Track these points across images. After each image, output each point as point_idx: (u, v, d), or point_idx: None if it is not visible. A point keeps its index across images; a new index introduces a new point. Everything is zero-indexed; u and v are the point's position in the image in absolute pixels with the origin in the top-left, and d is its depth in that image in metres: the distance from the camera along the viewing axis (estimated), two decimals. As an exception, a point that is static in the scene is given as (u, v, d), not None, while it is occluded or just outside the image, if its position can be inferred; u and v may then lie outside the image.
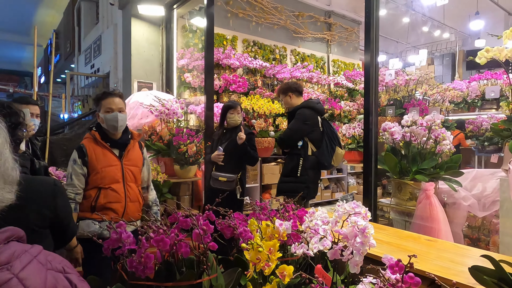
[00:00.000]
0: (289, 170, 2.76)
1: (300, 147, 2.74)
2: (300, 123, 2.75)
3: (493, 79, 7.34)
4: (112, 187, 1.99)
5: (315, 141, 2.81)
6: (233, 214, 1.74)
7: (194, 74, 5.26)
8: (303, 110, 2.79)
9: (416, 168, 2.23)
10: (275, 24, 6.84)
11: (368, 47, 2.33)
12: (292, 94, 2.90)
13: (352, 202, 1.30)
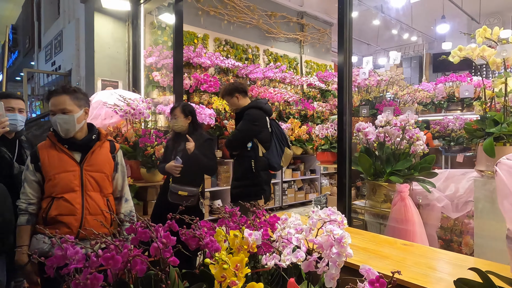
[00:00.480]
0: (241, 174, 2.65)
1: (250, 149, 2.63)
2: (249, 124, 2.64)
3: (458, 81, 7.61)
4: (65, 196, 1.70)
5: (265, 142, 2.73)
6: (199, 222, 1.60)
7: (163, 72, 5.04)
8: (251, 110, 2.68)
9: (390, 170, 2.18)
10: (247, 23, 6.73)
11: (342, 47, 2.27)
12: (238, 95, 2.77)
13: (327, 208, 1.20)
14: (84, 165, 1.77)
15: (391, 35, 9.85)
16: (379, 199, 2.18)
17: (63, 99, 1.72)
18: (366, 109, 3.08)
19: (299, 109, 6.66)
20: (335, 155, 4.87)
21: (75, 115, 1.73)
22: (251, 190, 2.63)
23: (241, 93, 2.79)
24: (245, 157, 2.64)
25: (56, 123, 1.70)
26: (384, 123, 2.22)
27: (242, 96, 2.80)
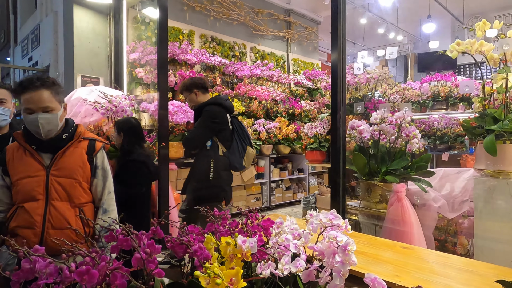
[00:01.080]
0: (200, 175, 2.51)
1: (209, 148, 2.51)
2: (208, 121, 2.51)
3: (443, 81, 7.69)
4: (25, 206, 1.45)
5: (225, 141, 2.61)
6: (187, 226, 1.48)
7: (147, 69, 4.86)
8: (211, 107, 2.56)
9: (385, 169, 2.10)
10: (234, 20, 6.59)
11: (335, 43, 2.18)
12: (197, 91, 2.65)
13: (329, 212, 1.09)
14: (52, 169, 1.52)
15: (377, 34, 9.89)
16: (374, 199, 2.10)
17: (44, 94, 1.46)
18: (361, 106, 3.00)
19: (286, 107, 6.58)
20: (324, 154, 4.81)
21: (58, 113, 1.51)
22: (211, 192, 2.49)
23: (200, 89, 2.66)
24: (204, 157, 2.51)
25: (37, 123, 1.44)
26: (379, 120, 2.14)
27: (202, 92, 2.67)
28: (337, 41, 2.15)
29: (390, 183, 2.06)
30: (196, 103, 2.65)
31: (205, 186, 2.49)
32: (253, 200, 5.60)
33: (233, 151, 2.69)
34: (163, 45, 3.79)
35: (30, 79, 1.47)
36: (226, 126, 2.62)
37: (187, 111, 4.48)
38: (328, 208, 4.21)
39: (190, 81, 2.68)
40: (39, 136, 1.50)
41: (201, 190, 2.50)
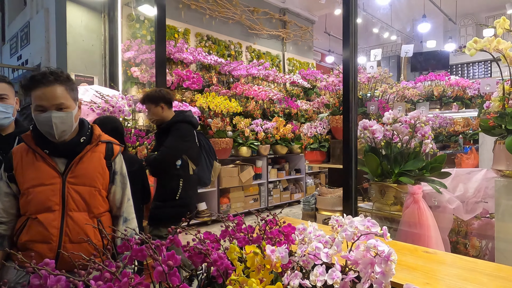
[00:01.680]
0: (168, 194, 2.38)
1: (179, 167, 2.39)
2: (180, 140, 2.38)
3: (437, 80, 7.73)
4: (39, 218, 1.29)
5: (195, 158, 2.51)
6: (201, 233, 1.40)
7: (142, 68, 4.73)
8: (181, 125, 2.43)
9: (398, 170, 2.05)
10: (229, 18, 6.50)
11: (347, 40, 2.12)
12: (164, 105, 2.46)
13: (366, 219, 1.02)
14: (68, 176, 1.35)
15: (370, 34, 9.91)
16: (388, 201, 2.04)
17: (58, 90, 1.29)
18: (374, 105, 2.93)
19: (283, 107, 6.52)
20: (324, 154, 4.76)
21: (73, 112, 1.33)
22: (178, 212, 2.35)
23: (167, 103, 2.48)
24: (173, 176, 2.38)
25: (51, 122, 1.27)
26: (392, 120, 2.08)
27: (168, 107, 2.48)
28: (348, 39, 2.08)
29: (404, 184, 2.01)
30: (160, 117, 2.47)
31: (170, 205, 2.37)
32: (251, 201, 5.53)
33: (202, 167, 2.64)
34: (161, 44, 3.69)
35: (43, 73, 1.29)
36: (195, 143, 2.54)
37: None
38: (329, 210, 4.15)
39: (159, 93, 2.47)
40: (52, 138, 1.33)
41: (166, 208, 2.37)
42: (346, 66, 2.07)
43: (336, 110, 4.42)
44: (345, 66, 2.08)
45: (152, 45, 4.94)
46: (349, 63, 2.06)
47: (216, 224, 4.89)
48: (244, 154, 5.32)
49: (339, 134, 4.46)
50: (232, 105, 5.06)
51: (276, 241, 1.25)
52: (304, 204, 4.75)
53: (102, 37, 4.47)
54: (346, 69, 2.07)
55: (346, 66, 2.07)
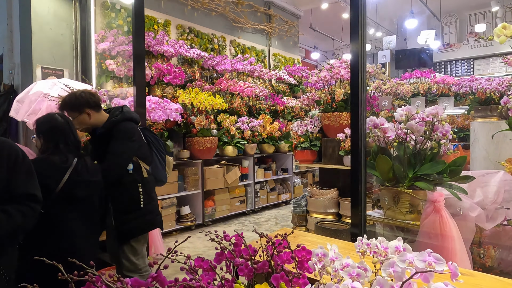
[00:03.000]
0: (128, 204, 2.07)
1: (132, 171, 2.08)
2: (127, 142, 2.04)
3: (422, 77, 7.65)
4: None
5: (145, 157, 2.21)
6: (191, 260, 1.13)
7: (118, 61, 4.34)
8: (123, 125, 2.08)
9: (412, 174, 1.81)
10: (213, 10, 6.15)
11: (356, 32, 1.87)
12: (90, 111, 2.06)
13: (425, 252, 0.75)
14: None
15: (356, 31, 9.78)
16: (403, 209, 1.81)
17: None
18: (388, 100, 2.69)
19: (269, 104, 6.25)
20: (315, 153, 4.51)
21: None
22: (147, 220, 2.11)
23: (94, 107, 2.09)
24: (128, 183, 2.07)
25: None
26: (405, 117, 1.84)
27: (95, 111, 2.09)
28: (357, 31, 1.83)
29: (420, 190, 1.78)
30: (89, 125, 2.09)
31: (137, 216, 2.08)
32: (237, 203, 5.23)
33: (155, 166, 2.35)
34: (140, 35, 3.33)
35: None
36: (142, 141, 2.22)
37: (166, 107, 4.03)
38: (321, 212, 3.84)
39: (80, 99, 2.05)
40: None
41: (134, 220, 2.07)
42: (355, 59, 1.81)
43: (328, 107, 4.18)
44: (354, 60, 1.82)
45: (129, 36, 4.54)
46: (357, 56, 1.80)
47: (200, 229, 4.57)
48: (229, 153, 5.02)
49: (331, 133, 4.23)
50: (217, 101, 4.74)
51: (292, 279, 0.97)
52: (295, 206, 4.49)
53: (73, 26, 4.05)
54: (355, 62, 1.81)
55: (354, 59, 1.82)
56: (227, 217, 5.08)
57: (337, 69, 3.97)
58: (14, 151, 1.29)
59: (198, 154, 4.57)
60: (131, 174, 2.07)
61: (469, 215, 1.74)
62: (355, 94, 1.78)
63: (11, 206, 1.25)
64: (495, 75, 8.47)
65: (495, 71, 8.92)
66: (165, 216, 4.17)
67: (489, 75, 8.69)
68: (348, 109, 4.07)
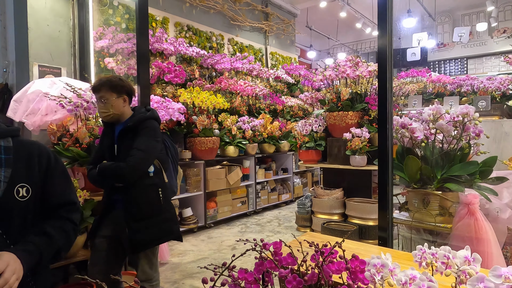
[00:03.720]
0: (147, 210, 1.90)
1: (153, 174, 1.94)
2: (153, 141, 1.92)
3: (419, 76, 7.69)
4: None
5: (165, 162, 2.09)
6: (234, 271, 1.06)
7: (118, 59, 4.20)
8: (151, 122, 1.97)
9: (441, 175, 1.76)
10: (211, 8, 6.04)
11: (383, 26, 1.80)
12: (127, 98, 1.99)
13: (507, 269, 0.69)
14: None
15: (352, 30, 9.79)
16: (433, 212, 1.75)
17: None
18: (418, 99, 2.63)
19: (268, 103, 6.17)
20: (319, 153, 4.46)
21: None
22: (167, 229, 1.96)
23: (130, 98, 2.02)
24: (149, 186, 1.91)
25: None
26: (433, 117, 1.79)
27: (129, 102, 2.03)
28: (385, 25, 1.77)
29: (449, 191, 1.72)
30: (119, 113, 1.97)
31: (155, 223, 1.91)
32: (238, 204, 5.14)
33: (170, 174, 2.18)
34: (143, 35, 3.20)
35: None
36: (163, 145, 2.12)
37: (168, 107, 3.92)
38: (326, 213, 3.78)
39: (124, 81, 2.00)
40: None
41: (152, 229, 1.90)
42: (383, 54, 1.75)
43: (333, 106, 4.13)
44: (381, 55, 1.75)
45: (128, 33, 4.41)
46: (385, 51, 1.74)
47: (203, 231, 4.47)
48: (231, 154, 4.92)
49: (336, 132, 4.18)
50: (219, 101, 4.64)
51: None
52: (299, 206, 4.43)
53: (71, 23, 3.90)
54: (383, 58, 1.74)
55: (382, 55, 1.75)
56: (229, 219, 4.99)
57: (343, 67, 3.91)
58: (46, 153, 1.15)
59: (200, 155, 4.47)
60: (152, 177, 1.93)
61: (500, 217, 1.69)
62: (383, 93, 1.72)
63: (50, 224, 1.12)
64: (488, 74, 8.58)
65: (488, 70, 9.03)
66: (168, 219, 4.06)
67: (482, 74, 8.81)
68: (354, 108, 4.02)
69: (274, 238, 4.16)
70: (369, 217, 3.82)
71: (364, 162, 3.86)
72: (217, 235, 4.32)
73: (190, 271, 3.17)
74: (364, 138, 3.77)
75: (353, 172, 4.03)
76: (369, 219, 3.83)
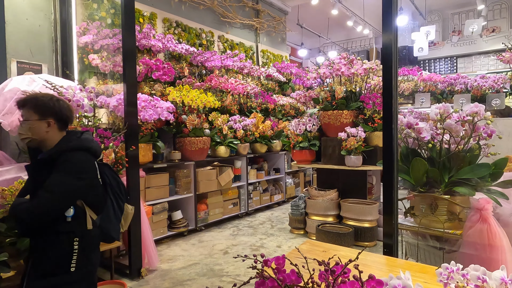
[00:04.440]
0: (51, 266, 1.54)
1: (71, 219, 1.57)
2: (71, 179, 1.55)
3: (410, 75, 7.67)
4: None
5: (96, 204, 1.71)
6: None
7: (103, 55, 4.00)
8: (75, 155, 1.59)
9: (448, 178, 1.66)
10: (200, 4, 5.87)
11: (388, 22, 1.69)
12: (54, 122, 1.62)
13: None
14: None
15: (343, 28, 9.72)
16: (441, 217, 1.65)
17: None
18: (426, 97, 2.53)
19: (259, 102, 6.03)
20: (313, 153, 4.35)
21: None
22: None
23: (59, 121, 1.64)
24: (61, 235, 1.55)
25: None
26: (441, 116, 1.68)
27: (58, 127, 1.64)
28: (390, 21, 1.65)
29: (458, 195, 1.62)
30: (37, 137, 1.60)
31: (62, 282, 1.53)
32: (230, 206, 5.00)
33: (107, 216, 1.78)
34: (130, 30, 3.04)
35: None
36: (97, 181, 1.71)
37: (156, 106, 3.74)
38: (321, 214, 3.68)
39: (50, 103, 1.62)
40: None
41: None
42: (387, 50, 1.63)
43: (328, 105, 4.02)
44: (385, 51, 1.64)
45: (114, 29, 4.22)
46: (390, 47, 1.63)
47: (194, 235, 4.31)
48: (222, 154, 4.77)
49: (331, 132, 4.08)
50: (210, 99, 4.49)
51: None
52: (293, 208, 4.32)
53: (52, 17, 3.69)
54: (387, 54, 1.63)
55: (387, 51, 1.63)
56: (221, 221, 4.84)
57: (338, 65, 3.80)
58: None
59: (190, 155, 4.31)
60: (69, 222, 1.56)
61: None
62: (388, 92, 1.60)
63: None
64: (477, 73, 8.61)
65: (478, 69, 9.08)
66: (156, 223, 3.89)
67: (471, 73, 8.84)
68: (349, 107, 3.92)
69: (267, 241, 4.03)
70: (364, 219, 3.73)
71: (359, 162, 3.76)
72: (208, 238, 4.17)
73: (180, 278, 3.01)
74: (360, 138, 3.68)
75: (348, 172, 3.93)
76: (365, 220, 3.73)
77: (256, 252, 3.66)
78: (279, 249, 3.74)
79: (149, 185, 3.85)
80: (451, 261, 1.62)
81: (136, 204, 3.02)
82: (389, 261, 1.45)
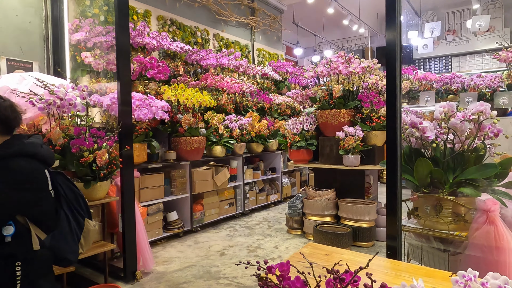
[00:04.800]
0: None
1: (11, 239, 1.35)
2: (7, 190, 1.33)
3: (406, 74, 7.66)
4: None
5: (44, 219, 1.48)
6: None
7: (96, 53, 3.91)
8: (15, 162, 1.37)
9: (452, 178, 1.62)
10: (195, 1, 5.79)
11: (392, 19, 1.65)
12: None
13: None
14: None
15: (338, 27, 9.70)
16: (446, 219, 1.61)
17: None
18: (431, 95, 2.49)
19: (255, 101, 5.98)
20: (311, 153, 4.30)
21: None
22: None
23: (5, 126, 1.44)
24: None
25: None
26: (446, 116, 1.64)
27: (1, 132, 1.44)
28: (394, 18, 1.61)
29: (463, 196, 1.58)
30: None
31: None
32: (226, 206, 4.94)
33: (61, 234, 1.52)
34: (124, 27, 2.96)
35: None
36: (46, 193, 1.48)
37: (151, 105, 3.67)
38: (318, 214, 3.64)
39: None
40: None
41: None
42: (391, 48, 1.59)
43: (325, 104, 3.98)
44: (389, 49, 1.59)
45: (107, 26, 4.13)
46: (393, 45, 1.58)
47: (189, 236, 4.24)
48: (218, 154, 4.71)
49: (328, 131, 4.03)
50: (205, 98, 4.42)
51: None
52: (290, 208, 4.26)
53: (43, 13, 3.60)
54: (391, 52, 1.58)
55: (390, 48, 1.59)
56: (217, 222, 4.77)
57: (335, 63, 3.76)
58: None
59: (186, 155, 4.24)
60: (8, 243, 1.33)
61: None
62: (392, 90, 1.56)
63: None
64: (472, 72, 8.65)
65: (472, 68, 9.12)
66: (151, 224, 3.82)
67: (466, 72, 8.88)
68: (346, 106, 3.88)
69: (265, 241, 3.98)
70: (362, 219, 3.69)
71: (357, 162, 3.72)
72: (204, 239, 4.10)
73: (176, 281, 2.95)
74: (358, 137, 3.64)
75: (345, 172, 3.89)
76: (363, 220, 3.70)
77: (253, 253, 3.60)
78: (276, 250, 3.69)
79: (144, 185, 3.78)
80: (456, 264, 1.58)
81: (131, 205, 2.95)
82: (394, 265, 1.41)
